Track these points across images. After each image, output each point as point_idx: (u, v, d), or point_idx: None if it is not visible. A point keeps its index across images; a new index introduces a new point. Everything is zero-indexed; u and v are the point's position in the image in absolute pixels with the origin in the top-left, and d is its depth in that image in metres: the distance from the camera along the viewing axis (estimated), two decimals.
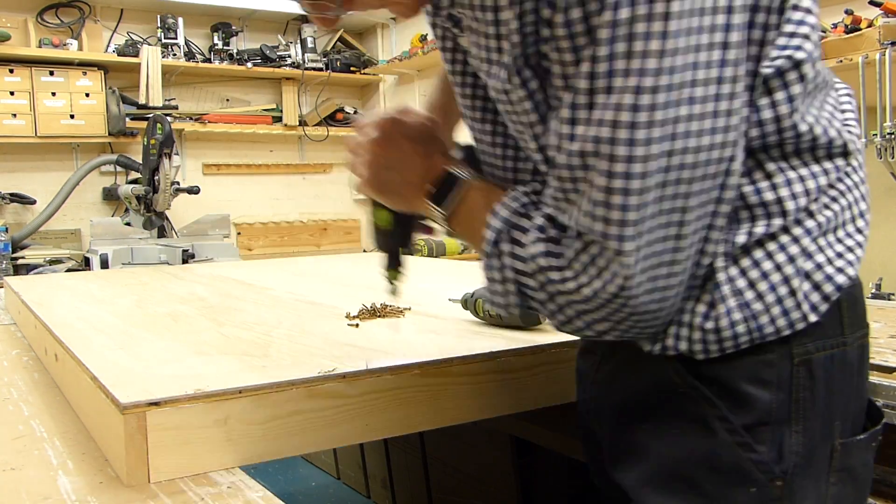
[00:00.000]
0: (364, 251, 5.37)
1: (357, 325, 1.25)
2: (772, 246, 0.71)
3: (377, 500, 2.23)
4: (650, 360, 0.75)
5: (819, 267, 0.71)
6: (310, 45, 5.34)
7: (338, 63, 5.38)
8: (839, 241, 0.73)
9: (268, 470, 2.68)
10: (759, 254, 0.71)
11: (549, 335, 1.11)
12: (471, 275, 2.05)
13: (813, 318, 0.71)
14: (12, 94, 4.36)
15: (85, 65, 4.57)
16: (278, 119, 5.33)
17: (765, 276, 0.70)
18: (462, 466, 1.76)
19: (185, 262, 3.56)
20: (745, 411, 0.72)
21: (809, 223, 0.71)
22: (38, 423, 1.00)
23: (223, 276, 2.14)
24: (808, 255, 0.71)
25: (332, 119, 5.51)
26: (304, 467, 2.75)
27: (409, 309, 1.38)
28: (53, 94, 4.45)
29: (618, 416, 0.82)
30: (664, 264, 0.66)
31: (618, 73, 0.61)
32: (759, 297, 0.70)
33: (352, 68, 5.45)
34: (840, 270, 0.72)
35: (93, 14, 4.77)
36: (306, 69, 5.24)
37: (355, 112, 5.65)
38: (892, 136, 2.44)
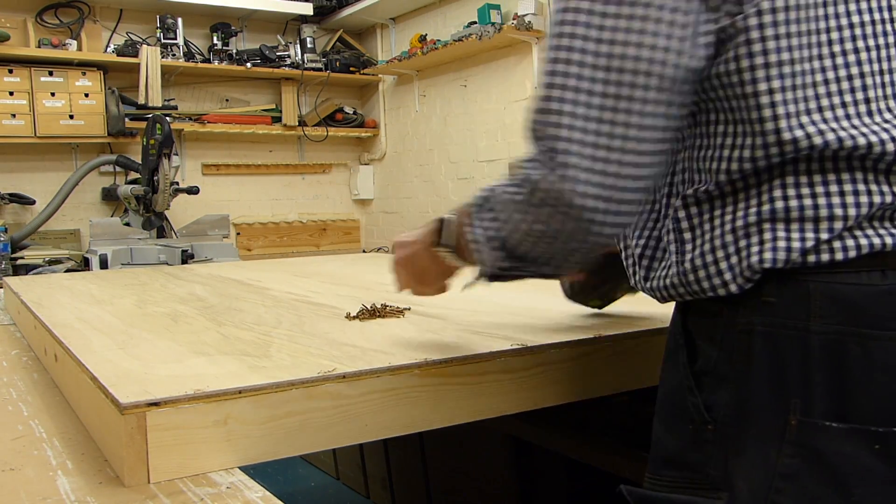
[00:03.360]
0: (363, 251, 5.37)
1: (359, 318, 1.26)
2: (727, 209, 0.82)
3: (377, 500, 2.23)
4: (675, 307, 0.92)
5: (749, 245, 0.80)
6: (309, 45, 5.34)
7: (337, 63, 5.38)
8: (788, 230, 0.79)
9: (267, 470, 2.68)
10: (715, 212, 0.83)
11: (549, 335, 1.12)
12: (468, 275, 2.05)
13: (733, 288, 0.80)
14: (11, 94, 4.36)
15: (84, 65, 4.57)
16: (278, 119, 5.33)
17: (704, 235, 0.83)
18: (462, 466, 1.76)
19: (184, 262, 3.56)
20: (696, 361, 0.86)
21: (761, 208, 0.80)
22: (38, 423, 1.00)
23: (223, 276, 2.14)
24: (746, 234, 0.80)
25: (331, 119, 5.51)
26: (304, 467, 2.75)
27: (409, 309, 1.38)
28: (53, 94, 4.45)
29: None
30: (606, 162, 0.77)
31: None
32: (702, 254, 0.83)
33: (351, 68, 5.45)
34: (771, 250, 0.78)
35: (92, 14, 4.77)
36: (306, 69, 5.24)
37: (354, 112, 5.65)
38: None
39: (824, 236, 0.78)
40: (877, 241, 0.78)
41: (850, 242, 0.78)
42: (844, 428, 0.78)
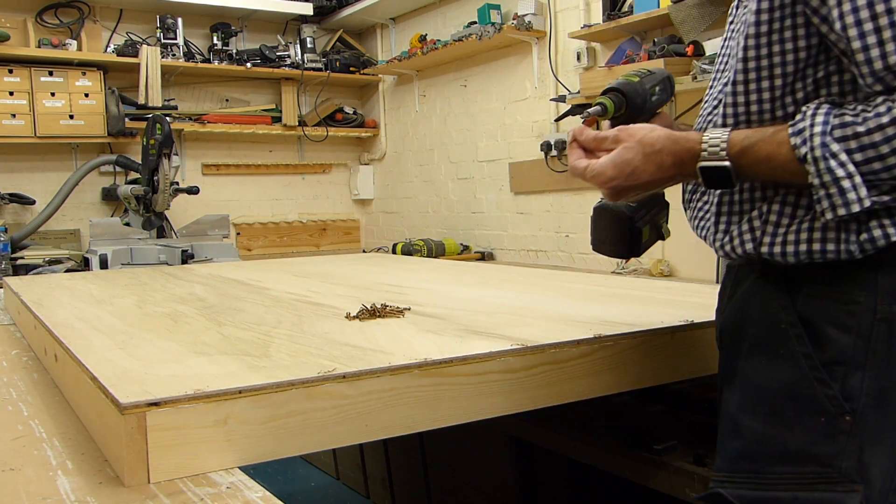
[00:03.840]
0: (363, 251, 5.37)
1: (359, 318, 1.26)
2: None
3: (377, 500, 2.23)
4: (767, 294, 0.88)
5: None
6: (309, 45, 5.34)
7: (337, 63, 5.38)
8: None
9: (267, 470, 2.68)
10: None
11: (549, 335, 1.11)
12: (470, 275, 2.05)
13: (881, 243, 0.79)
14: (11, 94, 4.36)
15: (84, 65, 4.57)
16: (277, 119, 5.33)
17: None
18: (462, 466, 1.76)
19: (184, 262, 3.56)
20: (826, 350, 0.83)
21: None
22: (38, 423, 1.00)
23: (223, 276, 2.14)
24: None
25: (331, 119, 5.51)
26: (304, 467, 2.75)
27: (409, 309, 1.38)
28: (53, 94, 4.45)
29: (732, 344, 0.93)
30: None
31: None
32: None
33: (351, 68, 5.45)
34: None
35: (92, 14, 4.76)
36: (306, 69, 5.23)
37: (354, 112, 5.65)
38: None
39: None
40: None
41: None
42: None
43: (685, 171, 0.90)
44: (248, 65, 5.06)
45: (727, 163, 0.86)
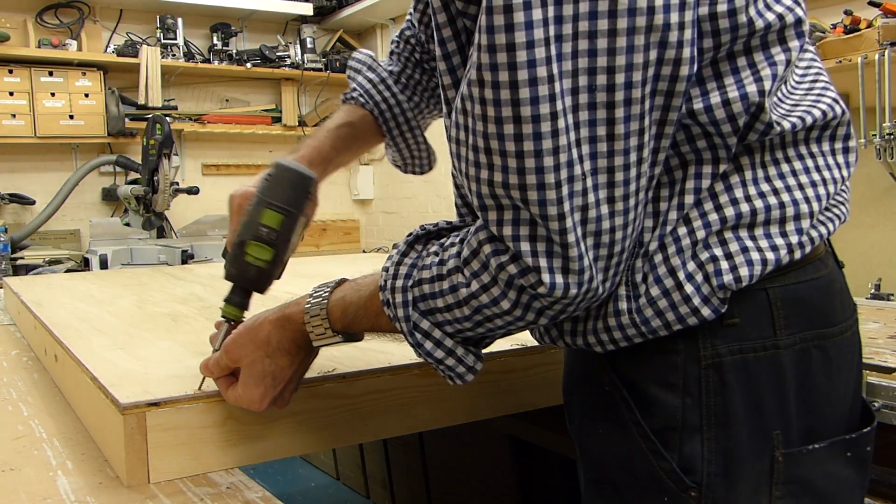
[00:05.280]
0: (363, 251, 5.37)
1: None
2: (667, 238, 0.68)
3: (376, 500, 2.23)
4: (588, 358, 0.75)
5: (714, 259, 0.67)
6: (309, 45, 5.34)
7: (337, 63, 5.38)
8: (754, 237, 0.68)
9: (267, 470, 2.68)
10: (652, 245, 0.69)
11: None
12: None
13: (706, 312, 0.66)
14: (11, 94, 4.36)
15: (84, 65, 4.57)
16: (277, 119, 5.33)
17: (653, 267, 0.68)
18: (461, 466, 1.76)
19: (184, 262, 3.56)
20: (653, 415, 0.70)
21: (712, 217, 0.68)
22: (38, 423, 1.00)
23: (223, 276, 2.13)
24: (706, 247, 0.67)
25: None
26: (304, 468, 2.75)
27: None
28: (53, 94, 4.45)
29: (568, 411, 0.83)
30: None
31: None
32: (647, 289, 0.68)
33: None
34: (745, 264, 0.67)
35: (92, 14, 4.76)
36: (306, 70, 5.24)
37: None
38: (892, 137, 2.44)
39: (794, 239, 0.68)
40: (823, 229, 0.71)
41: (804, 238, 0.69)
42: (824, 446, 0.71)
43: (315, 347, 0.82)
44: (248, 65, 5.06)
45: (339, 338, 0.79)
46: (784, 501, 0.70)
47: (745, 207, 0.68)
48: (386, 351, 1.04)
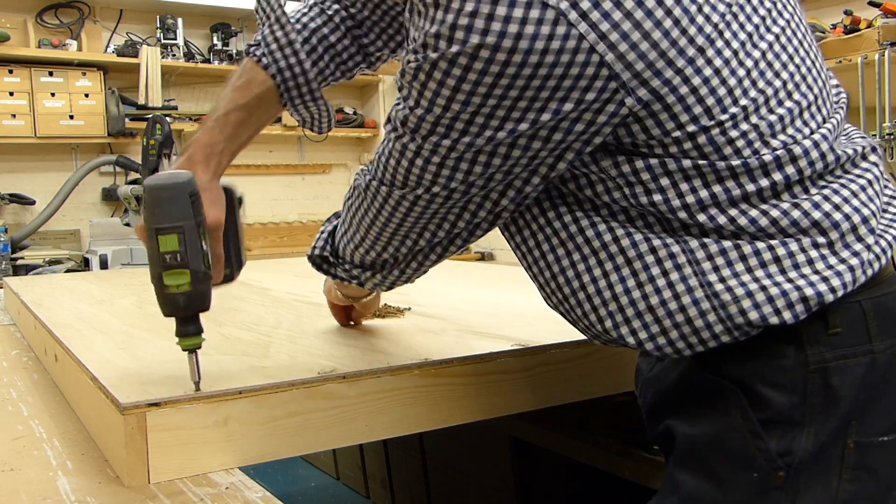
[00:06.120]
0: None
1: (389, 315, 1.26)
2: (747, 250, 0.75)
3: (376, 500, 2.23)
4: (681, 362, 0.82)
5: (808, 273, 0.74)
6: None
7: None
8: (835, 252, 0.75)
9: (267, 470, 2.68)
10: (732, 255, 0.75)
11: (549, 335, 1.11)
12: (470, 275, 2.05)
13: (787, 316, 0.73)
14: (11, 94, 4.36)
15: (84, 65, 4.57)
16: (277, 119, 5.33)
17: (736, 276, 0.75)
18: (461, 467, 1.76)
19: None
20: (761, 409, 0.76)
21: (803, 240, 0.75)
22: (38, 423, 1.00)
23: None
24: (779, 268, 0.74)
25: None
26: (304, 468, 2.75)
27: (410, 309, 1.38)
28: (53, 94, 4.45)
29: (655, 408, 0.89)
30: None
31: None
32: (742, 283, 0.75)
33: None
34: (822, 281, 0.74)
35: (92, 14, 4.76)
36: None
37: (354, 112, 5.65)
38: (892, 137, 2.45)
39: (870, 241, 0.76)
40: (889, 237, 0.78)
41: (883, 242, 0.77)
42: (892, 439, 0.78)
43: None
44: None
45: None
46: (852, 485, 0.76)
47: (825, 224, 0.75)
48: (386, 351, 1.04)
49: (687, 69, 0.71)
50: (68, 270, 3.66)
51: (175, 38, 4.81)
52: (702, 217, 0.74)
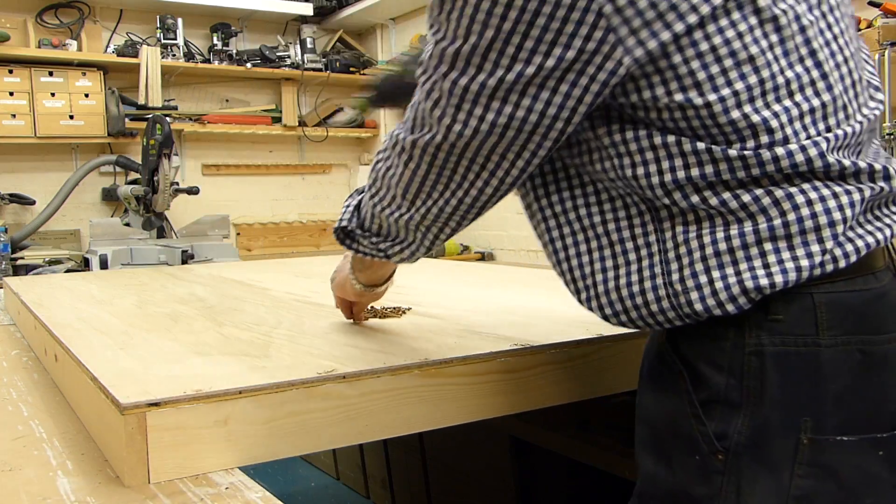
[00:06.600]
0: None
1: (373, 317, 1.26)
2: (719, 234, 0.77)
3: (377, 500, 2.23)
4: (658, 336, 0.86)
5: (757, 266, 0.76)
6: (309, 45, 5.34)
7: (337, 64, 5.38)
8: (791, 248, 0.76)
9: (267, 470, 2.68)
10: (703, 230, 0.78)
11: (549, 335, 1.12)
12: (470, 275, 2.05)
13: (730, 308, 0.76)
14: (11, 94, 4.36)
15: (84, 65, 4.57)
16: (278, 120, 5.33)
17: (701, 258, 0.78)
18: (461, 466, 1.76)
19: (184, 262, 3.56)
20: (702, 388, 0.80)
21: (762, 224, 0.76)
22: (38, 423, 1.00)
23: (223, 276, 2.14)
24: (745, 249, 0.76)
25: (331, 119, 5.51)
26: (304, 468, 2.75)
27: (410, 309, 1.38)
28: (53, 94, 4.46)
29: (640, 380, 0.92)
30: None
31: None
32: (693, 274, 0.78)
33: (351, 69, 5.45)
34: (766, 276, 0.75)
35: (92, 14, 4.77)
36: (306, 70, 5.24)
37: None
38: (892, 137, 2.45)
39: (829, 245, 0.75)
40: (870, 239, 0.77)
41: (849, 247, 0.76)
42: (854, 440, 0.77)
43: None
44: (248, 65, 5.06)
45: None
46: (805, 481, 0.77)
47: (777, 221, 0.76)
48: (386, 351, 1.04)
49: (683, 38, 0.72)
50: (68, 270, 3.66)
51: (175, 38, 4.82)
52: (677, 195, 0.77)
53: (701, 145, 0.75)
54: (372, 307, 1.36)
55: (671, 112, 0.75)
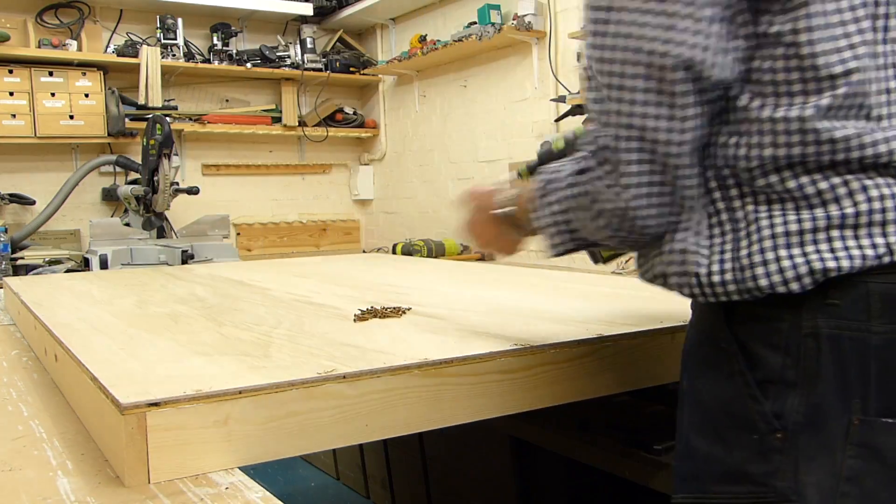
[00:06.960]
0: (363, 251, 5.37)
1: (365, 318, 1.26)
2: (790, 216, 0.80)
3: (377, 500, 2.23)
4: (710, 315, 0.88)
5: (823, 250, 0.79)
6: (309, 45, 5.34)
7: (337, 63, 5.38)
8: (857, 237, 0.79)
9: (267, 470, 2.68)
10: (774, 209, 0.81)
11: (549, 335, 1.12)
12: (470, 275, 2.05)
13: (794, 287, 0.79)
14: (12, 94, 4.36)
15: (84, 65, 4.57)
16: (278, 119, 5.33)
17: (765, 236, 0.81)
18: (461, 466, 1.76)
19: (184, 262, 3.56)
20: (758, 369, 0.83)
21: (833, 211, 0.79)
22: (38, 423, 1.00)
23: (223, 276, 2.14)
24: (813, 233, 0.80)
25: (331, 119, 5.51)
26: (304, 468, 2.75)
27: (410, 309, 1.38)
28: (53, 94, 4.45)
29: (687, 365, 0.94)
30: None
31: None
32: (761, 250, 0.81)
33: (351, 69, 5.45)
34: (833, 259, 0.79)
35: (92, 14, 4.77)
36: (306, 70, 5.24)
37: (355, 112, 5.65)
38: None
39: (892, 239, 0.79)
40: None
41: None
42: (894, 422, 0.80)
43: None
44: (248, 65, 5.06)
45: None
46: (856, 461, 0.79)
47: (848, 210, 0.80)
48: (386, 351, 1.04)
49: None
50: (68, 270, 3.66)
51: (175, 38, 4.82)
52: (756, 172, 0.81)
53: (801, 122, 0.78)
54: (372, 307, 1.36)
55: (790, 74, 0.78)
